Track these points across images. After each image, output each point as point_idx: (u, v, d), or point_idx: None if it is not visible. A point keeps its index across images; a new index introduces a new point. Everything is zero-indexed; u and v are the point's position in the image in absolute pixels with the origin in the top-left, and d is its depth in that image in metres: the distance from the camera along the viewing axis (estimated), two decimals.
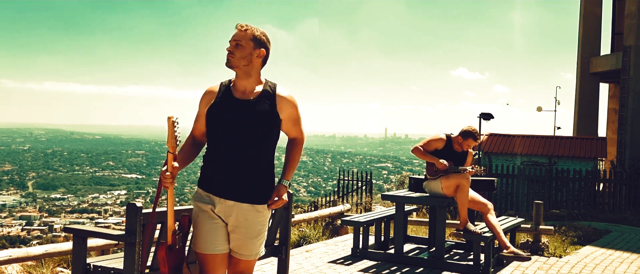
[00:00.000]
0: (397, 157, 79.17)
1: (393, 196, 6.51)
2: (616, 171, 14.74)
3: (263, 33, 2.97)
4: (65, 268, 5.72)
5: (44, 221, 47.44)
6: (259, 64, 2.96)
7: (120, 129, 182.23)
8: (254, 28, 2.95)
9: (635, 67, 17.60)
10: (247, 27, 2.94)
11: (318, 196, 21.12)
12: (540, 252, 7.01)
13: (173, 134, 2.79)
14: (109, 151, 78.77)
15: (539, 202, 7.36)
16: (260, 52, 2.93)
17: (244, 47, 2.90)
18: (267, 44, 2.97)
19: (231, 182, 2.92)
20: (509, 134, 17.81)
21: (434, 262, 6.07)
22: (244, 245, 2.98)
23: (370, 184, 13.55)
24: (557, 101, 23.43)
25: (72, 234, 3.63)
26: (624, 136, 17.74)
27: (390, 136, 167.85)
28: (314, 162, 74.30)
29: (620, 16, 20.49)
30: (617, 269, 6.40)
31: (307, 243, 7.46)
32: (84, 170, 66.92)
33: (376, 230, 6.96)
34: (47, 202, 54.96)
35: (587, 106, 20.75)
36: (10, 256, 4.74)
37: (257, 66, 2.96)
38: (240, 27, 2.93)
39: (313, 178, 66.84)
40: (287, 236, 4.36)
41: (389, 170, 64.59)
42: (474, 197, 6.12)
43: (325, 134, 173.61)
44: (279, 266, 4.37)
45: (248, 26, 2.94)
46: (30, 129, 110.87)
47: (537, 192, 14.97)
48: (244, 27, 2.93)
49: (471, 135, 5.99)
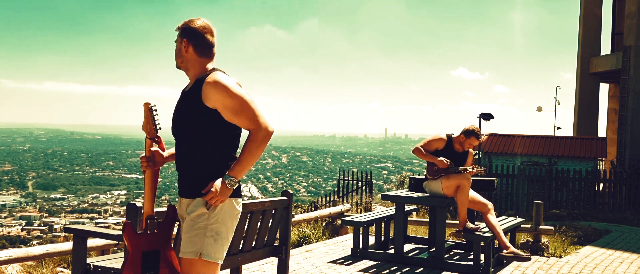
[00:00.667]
0: (397, 157, 79.16)
1: (393, 196, 6.51)
2: (616, 171, 14.74)
3: (188, 22, 2.85)
4: (65, 268, 5.72)
5: (44, 221, 47.43)
6: (191, 55, 2.83)
7: (120, 129, 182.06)
8: (185, 21, 2.87)
9: (635, 67, 17.60)
10: (180, 24, 2.88)
11: (318, 196, 21.12)
12: (540, 252, 7.01)
13: (150, 120, 2.79)
14: (109, 151, 78.75)
15: (539, 203, 7.36)
16: (184, 42, 2.82)
17: (177, 45, 2.87)
18: (194, 31, 2.82)
19: (179, 179, 2.90)
20: (509, 134, 17.81)
21: (434, 262, 6.07)
22: (182, 241, 2.80)
23: (370, 184, 13.54)
24: (557, 101, 23.44)
25: (72, 234, 3.63)
26: (624, 136, 17.74)
27: (390, 136, 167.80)
28: (314, 162, 74.25)
29: (620, 16, 20.49)
30: (617, 269, 6.40)
31: (307, 243, 7.46)
32: (84, 170, 66.91)
33: (376, 230, 6.96)
34: (47, 202, 54.96)
35: (587, 106, 20.74)
36: (10, 256, 4.74)
37: (191, 58, 2.83)
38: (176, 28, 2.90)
39: (313, 178, 66.81)
40: (287, 236, 4.36)
41: (389, 170, 64.58)
42: (474, 197, 6.12)
43: (325, 134, 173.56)
44: (279, 266, 4.37)
45: (182, 23, 2.88)
46: (30, 129, 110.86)
47: (537, 192, 14.97)
48: (178, 26, 2.89)
49: (474, 134, 6.00)
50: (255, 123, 2.69)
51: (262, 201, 3.95)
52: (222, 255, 2.79)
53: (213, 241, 2.72)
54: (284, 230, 4.36)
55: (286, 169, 69.27)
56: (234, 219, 2.82)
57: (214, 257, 2.73)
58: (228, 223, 2.77)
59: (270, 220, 4.21)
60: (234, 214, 2.81)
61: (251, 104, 2.72)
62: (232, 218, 2.81)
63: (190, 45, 2.82)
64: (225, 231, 2.77)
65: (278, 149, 77.32)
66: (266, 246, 4.29)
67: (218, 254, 2.74)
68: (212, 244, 2.72)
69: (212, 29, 2.89)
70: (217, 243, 2.73)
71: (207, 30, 2.86)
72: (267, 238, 4.28)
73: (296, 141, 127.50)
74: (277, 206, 4.20)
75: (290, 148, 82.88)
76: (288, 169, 69.39)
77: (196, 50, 2.83)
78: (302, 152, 79.14)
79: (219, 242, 2.74)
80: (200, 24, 2.85)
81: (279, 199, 4.21)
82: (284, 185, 58.48)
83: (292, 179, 64.95)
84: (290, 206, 4.34)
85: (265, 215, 4.03)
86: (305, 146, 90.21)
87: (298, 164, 72.44)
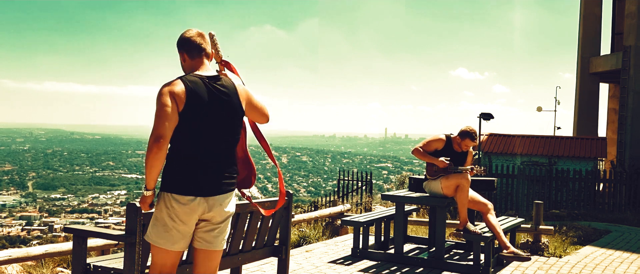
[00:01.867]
0: (397, 157, 79.17)
1: (393, 196, 6.51)
2: (616, 171, 14.73)
3: (179, 37, 3.14)
4: (65, 268, 5.72)
5: (44, 221, 47.45)
6: (186, 62, 3.13)
7: (120, 129, 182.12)
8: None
9: (635, 67, 17.60)
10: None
11: (318, 196, 21.12)
12: (540, 252, 7.01)
13: (214, 47, 3.19)
14: (109, 151, 78.77)
15: (539, 202, 7.36)
16: (180, 54, 3.14)
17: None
18: (179, 42, 3.12)
19: None
20: (509, 134, 17.81)
21: (434, 262, 6.07)
22: None
23: (370, 184, 13.54)
24: (557, 101, 23.45)
25: (72, 234, 3.63)
26: (624, 136, 17.73)
27: (390, 136, 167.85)
28: (314, 162, 74.29)
29: (620, 16, 20.49)
30: (617, 269, 6.40)
31: (307, 243, 7.46)
32: (84, 170, 66.93)
33: (376, 230, 6.96)
34: (47, 202, 54.97)
35: (587, 106, 20.74)
36: (10, 256, 4.74)
37: (185, 65, 3.15)
38: None
39: (313, 178, 66.84)
40: (287, 236, 4.37)
41: (389, 170, 64.59)
42: (474, 197, 6.11)
43: (325, 134, 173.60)
44: (279, 266, 4.37)
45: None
46: (30, 129, 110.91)
47: (537, 192, 14.96)
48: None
49: (468, 135, 5.99)
50: (153, 128, 2.93)
51: (262, 201, 3.95)
52: (161, 240, 3.05)
53: (151, 226, 3.09)
54: (284, 230, 4.36)
55: (286, 169, 69.28)
56: (170, 209, 3.02)
57: (152, 240, 3.08)
58: (163, 211, 3.03)
59: (270, 220, 4.21)
60: (170, 204, 3.02)
61: (158, 112, 2.93)
62: (168, 208, 3.02)
63: (181, 55, 3.15)
64: (161, 218, 3.03)
65: (278, 149, 77.36)
66: (266, 246, 4.29)
67: (155, 237, 3.06)
68: (150, 228, 3.09)
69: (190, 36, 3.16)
70: (154, 228, 3.07)
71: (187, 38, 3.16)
72: (267, 238, 4.28)
73: (296, 141, 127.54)
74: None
75: (290, 148, 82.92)
76: (288, 169, 69.41)
77: (186, 57, 3.14)
78: (302, 152, 79.17)
79: (155, 227, 3.06)
80: (184, 34, 3.15)
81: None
82: (284, 185, 58.37)
83: (292, 179, 64.96)
84: (290, 206, 4.34)
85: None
86: (305, 146, 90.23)
87: (298, 164, 72.46)
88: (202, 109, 2.97)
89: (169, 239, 3.03)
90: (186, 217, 3.01)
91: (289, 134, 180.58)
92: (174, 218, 3.00)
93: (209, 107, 2.99)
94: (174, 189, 2.99)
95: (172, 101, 2.91)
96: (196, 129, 2.98)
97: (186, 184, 2.98)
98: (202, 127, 2.99)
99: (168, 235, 3.03)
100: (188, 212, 3.00)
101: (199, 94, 2.97)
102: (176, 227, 3.01)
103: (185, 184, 2.98)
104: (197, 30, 3.12)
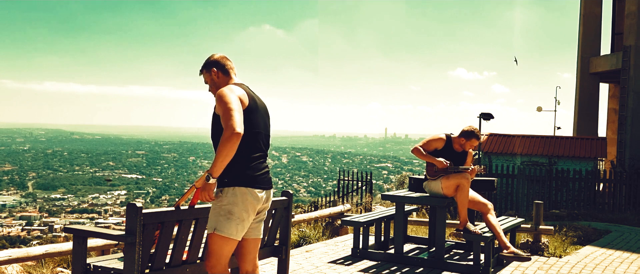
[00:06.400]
0: (397, 157, 79.18)
1: (393, 196, 6.50)
2: (616, 171, 14.73)
3: (207, 59, 3.52)
4: (65, 268, 5.72)
5: (44, 221, 47.46)
6: (219, 78, 3.48)
7: (120, 129, 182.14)
8: (203, 65, 3.54)
9: (635, 67, 17.60)
10: (201, 73, 3.57)
11: (318, 196, 21.12)
12: (540, 252, 7.01)
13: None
14: (109, 151, 78.77)
15: (539, 202, 7.36)
16: (212, 72, 3.48)
17: (206, 81, 3.53)
18: (212, 62, 3.50)
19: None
20: (509, 134, 17.81)
21: (434, 262, 6.07)
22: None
23: (370, 184, 13.54)
24: (557, 101, 23.42)
25: (72, 234, 3.62)
26: (624, 136, 17.73)
27: (390, 136, 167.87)
28: (314, 163, 74.28)
29: (620, 16, 20.49)
30: (617, 269, 6.40)
31: (307, 243, 7.46)
32: (84, 170, 66.93)
33: (376, 230, 6.96)
34: (47, 203, 54.97)
35: (587, 106, 20.73)
36: (10, 256, 4.74)
37: (219, 80, 3.48)
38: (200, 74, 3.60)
39: (313, 178, 66.82)
40: (287, 236, 4.37)
41: (389, 170, 64.60)
42: (474, 197, 6.11)
43: (325, 134, 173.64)
44: (279, 266, 4.37)
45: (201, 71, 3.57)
46: (30, 129, 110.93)
47: (537, 192, 14.97)
48: (200, 74, 3.57)
49: (474, 135, 5.99)
50: (225, 125, 3.15)
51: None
52: (234, 232, 3.29)
53: (225, 219, 3.28)
54: (284, 230, 4.37)
55: (286, 169, 69.29)
56: (246, 203, 3.29)
57: (227, 233, 3.28)
58: (240, 205, 3.28)
59: (270, 220, 4.21)
60: (245, 198, 3.29)
61: (231, 110, 3.17)
62: (245, 202, 3.29)
63: (215, 72, 3.49)
64: (238, 212, 3.28)
65: (278, 149, 77.36)
66: (266, 246, 4.29)
67: (231, 230, 3.29)
68: (223, 221, 3.28)
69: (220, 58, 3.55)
70: (230, 221, 3.28)
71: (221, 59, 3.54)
72: (267, 238, 4.28)
73: (296, 141, 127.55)
74: (277, 206, 4.20)
75: (290, 148, 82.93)
76: (288, 169, 69.42)
77: (219, 73, 3.49)
78: (302, 153, 79.17)
79: (230, 221, 3.28)
80: (216, 56, 3.54)
81: (279, 199, 4.21)
82: (284, 185, 58.47)
83: (292, 179, 64.95)
84: (290, 206, 4.34)
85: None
86: (305, 146, 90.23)
87: (298, 164, 72.45)
88: (257, 110, 3.39)
89: (241, 231, 3.34)
90: (254, 210, 3.36)
91: (289, 134, 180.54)
92: (250, 211, 3.33)
93: (259, 110, 3.41)
94: (252, 184, 3.31)
95: (240, 101, 3.26)
96: (256, 128, 3.36)
97: (259, 179, 3.34)
98: (259, 127, 3.39)
99: (241, 227, 3.33)
100: (257, 205, 3.36)
101: (254, 98, 3.40)
102: (248, 219, 3.35)
103: (259, 180, 3.34)
104: (220, 54, 3.54)
